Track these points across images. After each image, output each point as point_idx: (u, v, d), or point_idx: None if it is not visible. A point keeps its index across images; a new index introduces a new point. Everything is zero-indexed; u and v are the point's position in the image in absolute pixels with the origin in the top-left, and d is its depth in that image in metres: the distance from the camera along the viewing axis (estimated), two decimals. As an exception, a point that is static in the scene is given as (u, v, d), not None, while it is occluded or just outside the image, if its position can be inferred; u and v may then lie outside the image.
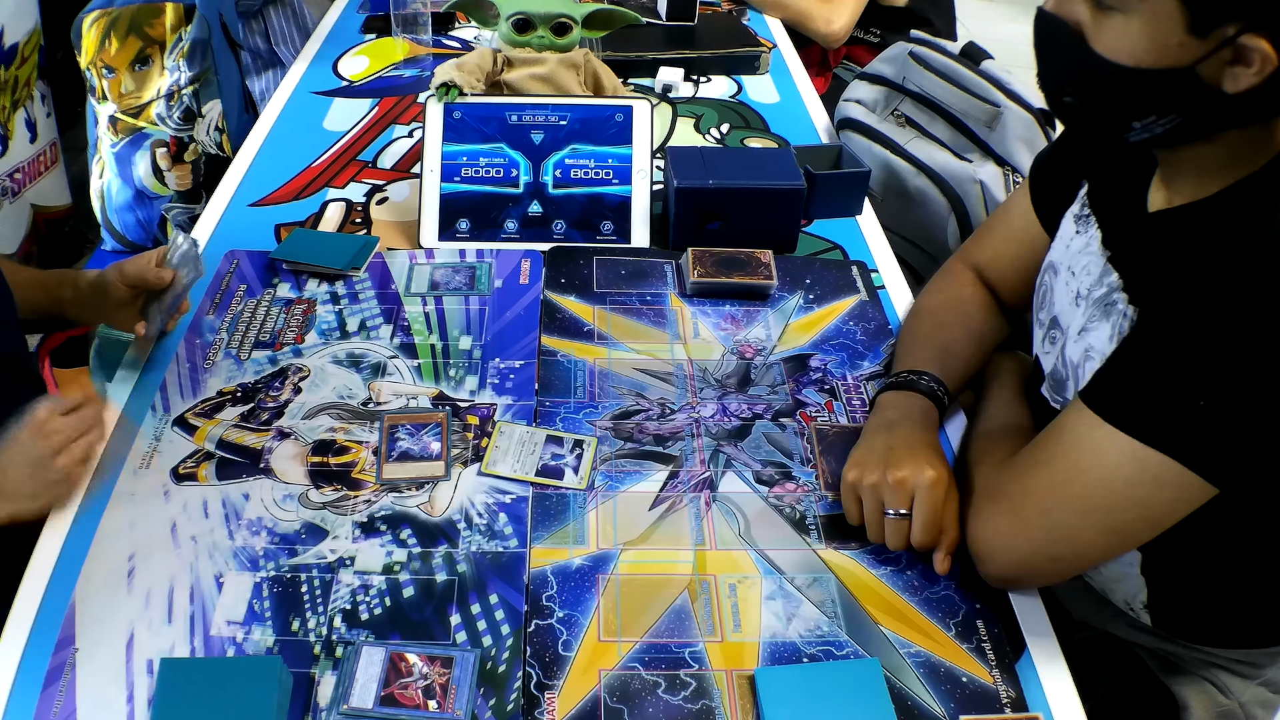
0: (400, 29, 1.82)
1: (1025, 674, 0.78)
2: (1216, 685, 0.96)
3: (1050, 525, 0.78)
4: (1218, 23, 0.67)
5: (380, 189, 1.40)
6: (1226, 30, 0.67)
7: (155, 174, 1.81)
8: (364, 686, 0.73)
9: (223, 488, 0.91)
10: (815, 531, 0.89)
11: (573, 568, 0.85)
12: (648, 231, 1.28)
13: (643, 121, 1.30)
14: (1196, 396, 0.70)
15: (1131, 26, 0.70)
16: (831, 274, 1.23)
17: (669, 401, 1.03)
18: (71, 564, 0.83)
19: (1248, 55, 0.67)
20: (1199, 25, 0.67)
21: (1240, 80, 0.69)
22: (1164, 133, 0.74)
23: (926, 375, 0.96)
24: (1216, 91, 0.70)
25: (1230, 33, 0.67)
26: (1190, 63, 0.69)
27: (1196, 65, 0.69)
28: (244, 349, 1.08)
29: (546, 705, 0.74)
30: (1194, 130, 0.74)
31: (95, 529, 0.86)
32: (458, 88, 1.29)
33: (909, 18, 2.14)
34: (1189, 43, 0.68)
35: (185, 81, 1.77)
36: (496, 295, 1.18)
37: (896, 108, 1.57)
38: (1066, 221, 0.94)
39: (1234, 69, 0.68)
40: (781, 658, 0.78)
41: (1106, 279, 0.84)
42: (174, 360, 1.05)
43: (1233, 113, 0.72)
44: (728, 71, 1.79)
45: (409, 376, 1.05)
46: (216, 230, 1.29)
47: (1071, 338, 0.87)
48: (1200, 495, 0.72)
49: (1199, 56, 0.69)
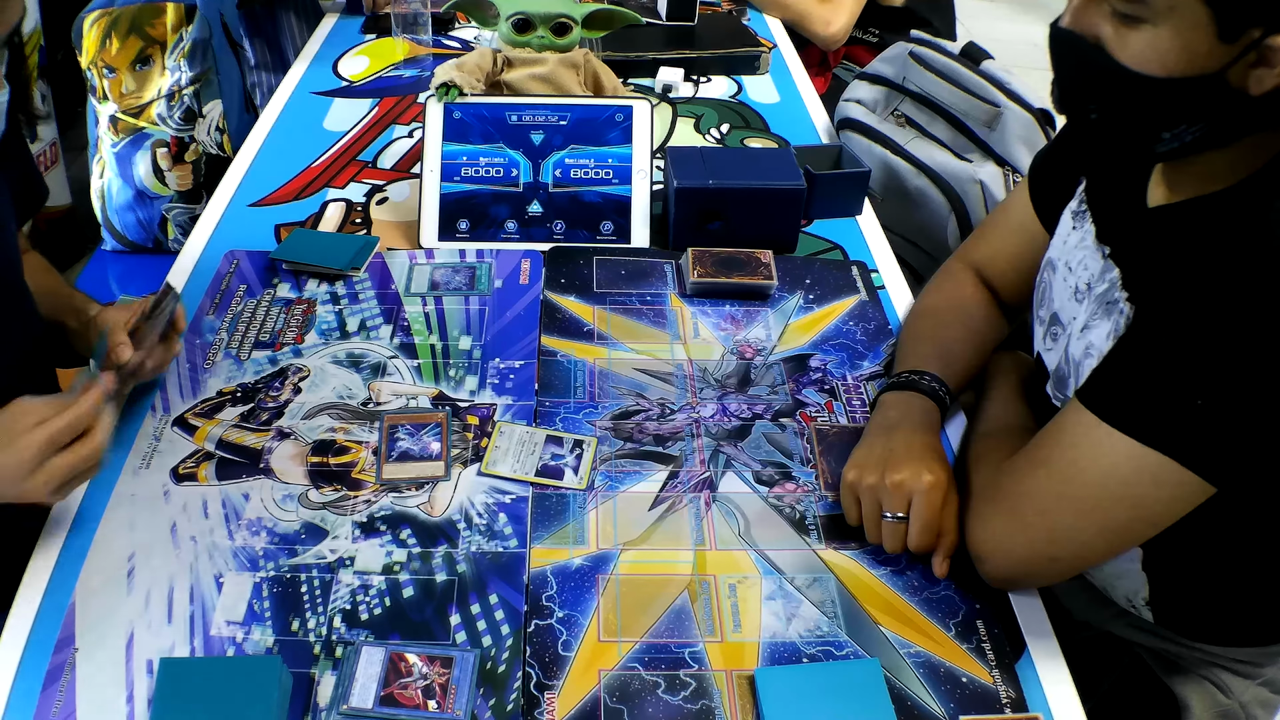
0: (400, 29, 1.82)
1: (1025, 674, 0.78)
2: (1217, 685, 0.96)
3: (1049, 525, 0.78)
4: (1245, 27, 0.67)
5: (380, 189, 1.40)
6: (1253, 34, 0.67)
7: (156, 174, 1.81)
8: (364, 686, 0.74)
9: (223, 488, 0.91)
10: (815, 532, 0.89)
11: (573, 568, 0.85)
12: (648, 231, 1.28)
13: (643, 121, 1.30)
14: (1194, 395, 0.70)
15: (1160, 36, 0.70)
16: (831, 274, 1.23)
17: (669, 401, 1.03)
18: (71, 564, 0.83)
19: (1271, 57, 0.68)
20: (1227, 30, 0.68)
21: (1265, 82, 0.69)
22: (1192, 140, 0.74)
23: (928, 375, 0.96)
24: (1242, 95, 0.70)
25: (1256, 35, 0.67)
26: (1219, 68, 0.69)
27: (1225, 71, 0.69)
28: (244, 349, 1.08)
29: (546, 705, 0.74)
30: (1220, 137, 0.74)
31: (95, 529, 0.86)
32: (458, 88, 1.29)
33: (909, 17, 2.14)
34: (1218, 48, 0.68)
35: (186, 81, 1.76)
36: (496, 295, 1.18)
37: (896, 108, 1.57)
38: (1064, 218, 0.94)
39: (1258, 71, 0.69)
40: (781, 658, 0.78)
41: (1108, 274, 0.84)
42: (174, 360, 1.05)
43: (1256, 116, 0.72)
44: (728, 71, 1.79)
45: (409, 376, 1.05)
46: (216, 230, 1.29)
47: (1075, 334, 0.87)
48: (1198, 494, 0.72)
49: (1228, 62, 0.69)
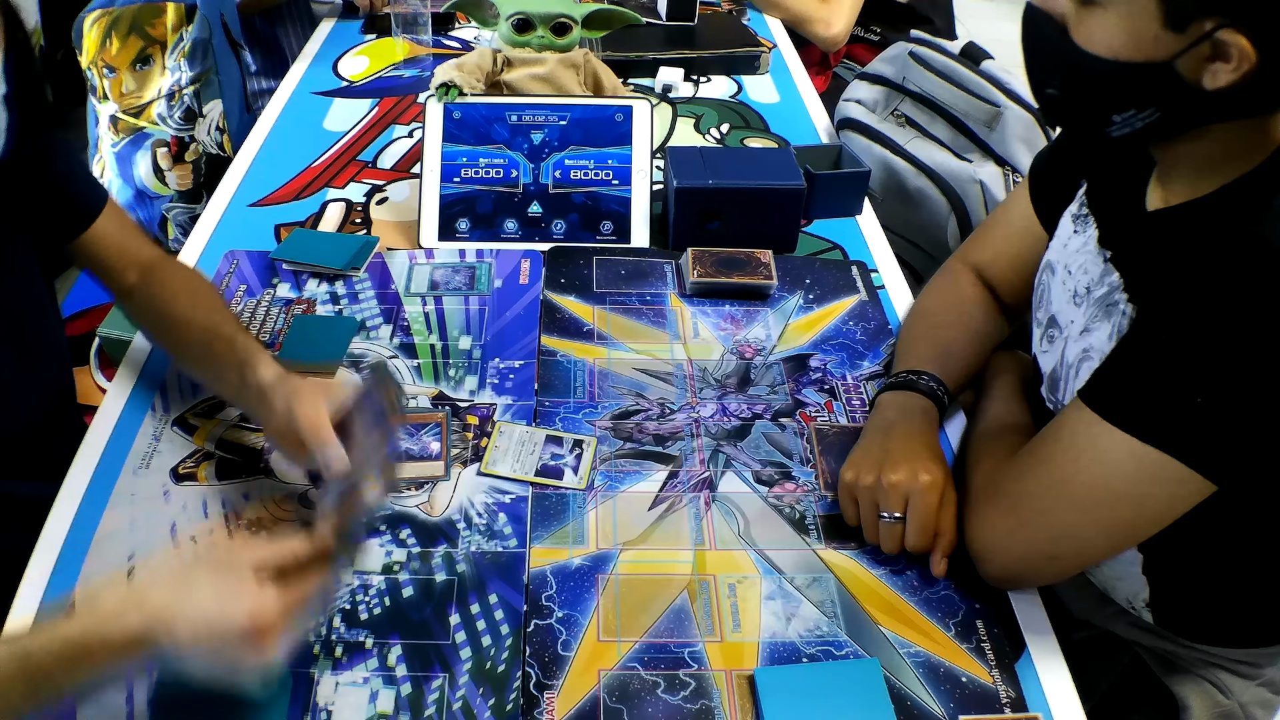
0: (400, 29, 1.82)
1: (1025, 674, 0.78)
2: (1216, 685, 0.96)
3: (1049, 524, 0.78)
4: (1193, 17, 0.67)
5: (380, 189, 1.40)
6: (1204, 25, 0.67)
7: (156, 174, 1.81)
8: None
9: (222, 488, 0.91)
10: (815, 531, 0.89)
11: (572, 568, 0.85)
12: (648, 231, 1.28)
13: (643, 121, 1.30)
14: (1194, 393, 0.70)
15: (1109, 19, 0.71)
16: (831, 274, 1.23)
17: (669, 401, 1.03)
18: (71, 564, 0.83)
19: (1226, 51, 0.67)
20: (1175, 19, 0.68)
21: (1219, 76, 0.69)
22: (1144, 127, 0.75)
23: (926, 375, 0.96)
24: (1195, 87, 0.70)
25: (1208, 28, 0.67)
26: (1167, 57, 0.69)
27: (1174, 60, 0.69)
28: (244, 349, 1.08)
29: (546, 705, 0.74)
30: (1174, 126, 0.74)
31: (95, 529, 0.86)
32: (458, 88, 1.29)
33: (909, 15, 2.15)
34: (1165, 37, 0.69)
35: (186, 81, 1.77)
36: (496, 295, 1.18)
37: (896, 108, 1.57)
38: (1064, 221, 0.94)
39: (1212, 65, 0.69)
40: (781, 658, 0.78)
41: (1108, 279, 0.84)
42: (174, 360, 1.05)
43: (1213, 109, 0.72)
44: (728, 71, 1.79)
45: (409, 376, 1.05)
46: (216, 230, 1.29)
47: (1072, 337, 0.87)
48: (1198, 492, 0.72)
49: (1176, 51, 0.69)
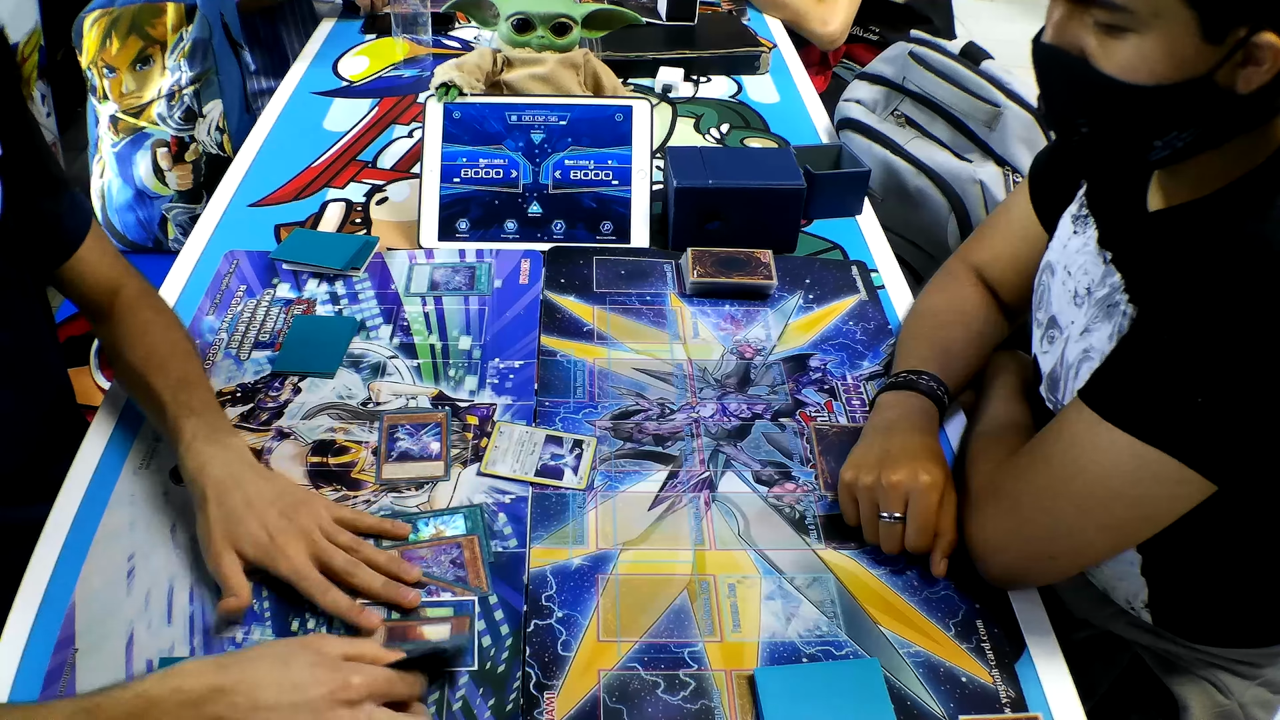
0: (400, 29, 1.82)
1: (1025, 674, 0.78)
2: (1216, 685, 0.96)
3: (1049, 524, 0.78)
4: (1231, 26, 0.67)
5: (380, 189, 1.40)
6: (1239, 32, 0.67)
7: (156, 174, 1.81)
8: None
9: (222, 488, 0.91)
10: (815, 531, 0.89)
11: (572, 568, 0.85)
12: (647, 231, 1.28)
13: (642, 121, 1.30)
14: (1195, 393, 0.70)
15: (1146, 44, 0.69)
16: (831, 274, 1.23)
17: (669, 401, 1.03)
18: (71, 564, 0.83)
19: (1258, 54, 0.67)
20: (1212, 31, 0.67)
21: (1253, 80, 0.69)
22: (1184, 146, 0.74)
23: (926, 375, 0.96)
24: (1230, 95, 0.70)
25: (1242, 34, 0.67)
26: (1207, 70, 0.69)
27: (1213, 72, 0.69)
28: (243, 349, 1.08)
29: (546, 705, 0.74)
30: (1212, 139, 0.74)
31: (95, 529, 0.86)
32: (458, 88, 1.29)
33: (908, 15, 2.15)
34: (1205, 50, 0.68)
35: (186, 81, 1.76)
36: (496, 295, 1.18)
37: (896, 108, 1.57)
38: (1064, 221, 0.94)
39: (1246, 70, 0.69)
40: (781, 658, 0.78)
41: (1109, 279, 0.84)
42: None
43: (1246, 114, 0.72)
44: (728, 71, 1.79)
45: (408, 376, 1.05)
46: (216, 230, 1.29)
47: (1073, 337, 0.87)
48: (1199, 492, 0.72)
49: (1215, 63, 0.68)
